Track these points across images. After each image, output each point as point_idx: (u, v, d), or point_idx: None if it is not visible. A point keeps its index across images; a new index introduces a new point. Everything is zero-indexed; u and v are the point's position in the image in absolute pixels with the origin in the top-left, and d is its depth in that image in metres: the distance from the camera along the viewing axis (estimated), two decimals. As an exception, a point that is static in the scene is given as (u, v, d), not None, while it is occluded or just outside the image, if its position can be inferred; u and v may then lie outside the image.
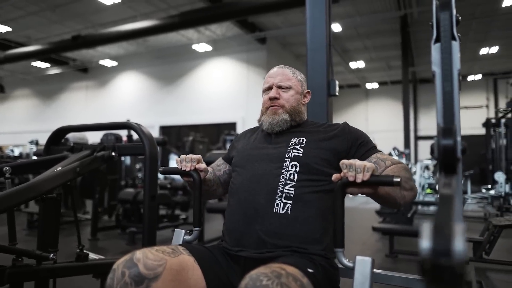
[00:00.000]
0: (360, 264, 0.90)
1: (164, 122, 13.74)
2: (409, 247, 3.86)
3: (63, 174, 1.53)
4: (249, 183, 1.16)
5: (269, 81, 1.35)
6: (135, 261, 0.89)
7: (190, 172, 1.20)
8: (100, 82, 15.83)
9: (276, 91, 1.30)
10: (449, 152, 0.64)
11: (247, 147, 1.29)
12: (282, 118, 1.25)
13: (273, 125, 1.26)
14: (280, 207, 1.08)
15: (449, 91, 0.71)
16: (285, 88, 1.30)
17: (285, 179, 1.11)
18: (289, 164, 1.14)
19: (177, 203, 4.77)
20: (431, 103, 15.83)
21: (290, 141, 1.20)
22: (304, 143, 1.18)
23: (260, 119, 1.33)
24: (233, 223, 1.14)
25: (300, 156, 1.14)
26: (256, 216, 1.09)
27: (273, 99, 1.29)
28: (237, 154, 1.30)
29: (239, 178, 1.20)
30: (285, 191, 1.09)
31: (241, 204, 1.14)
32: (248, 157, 1.23)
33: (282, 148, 1.19)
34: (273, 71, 1.36)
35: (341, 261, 0.94)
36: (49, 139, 2.02)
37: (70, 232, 4.19)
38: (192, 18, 8.83)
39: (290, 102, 1.28)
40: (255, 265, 1.00)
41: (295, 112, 1.28)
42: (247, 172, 1.19)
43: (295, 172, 1.12)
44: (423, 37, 11.50)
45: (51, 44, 11.30)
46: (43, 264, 1.68)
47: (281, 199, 1.09)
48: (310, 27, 2.38)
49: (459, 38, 0.73)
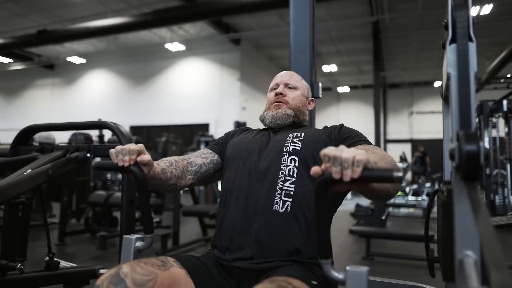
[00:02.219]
0: (352, 277, 0.74)
1: (134, 122, 13.39)
2: (384, 249, 3.91)
3: (34, 177, 1.40)
4: (247, 179, 1.09)
5: (277, 79, 1.34)
6: (122, 276, 0.80)
7: (129, 168, 0.93)
8: (67, 80, 15.22)
9: (283, 88, 1.29)
10: (473, 158, 0.61)
11: (245, 141, 1.23)
12: (286, 113, 1.23)
13: (276, 118, 1.23)
14: (280, 205, 1.03)
15: (467, 94, 0.68)
16: (292, 87, 1.30)
17: (285, 175, 1.06)
18: (287, 159, 1.09)
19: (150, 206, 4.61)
20: (399, 108, 16.32)
21: (288, 136, 1.16)
22: (303, 137, 1.14)
23: (263, 115, 1.29)
24: (230, 221, 1.07)
25: (299, 150, 1.10)
26: (255, 215, 1.03)
27: (279, 94, 1.27)
28: (233, 147, 1.23)
29: (236, 173, 1.13)
30: (284, 188, 1.04)
31: (239, 202, 1.07)
32: (245, 150, 1.17)
33: (279, 142, 1.15)
34: (282, 72, 1.36)
35: (330, 274, 0.78)
36: (16, 138, 1.87)
37: (34, 237, 3.95)
38: (166, 17, 8.65)
39: (295, 102, 1.28)
40: (251, 277, 0.94)
41: (299, 111, 1.27)
42: (245, 167, 1.12)
43: (294, 167, 1.07)
44: (394, 43, 11.83)
45: (14, 39, 10.74)
46: (9, 275, 1.54)
47: (280, 196, 1.03)
48: (293, 28, 2.34)
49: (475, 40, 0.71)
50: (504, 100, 5.62)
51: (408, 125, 16.09)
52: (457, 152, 0.64)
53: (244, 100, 12.42)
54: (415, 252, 3.65)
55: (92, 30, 9.36)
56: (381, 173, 0.68)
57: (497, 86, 7.91)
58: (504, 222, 2.96)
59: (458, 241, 0.66)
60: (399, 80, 16.01)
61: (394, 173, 0.66)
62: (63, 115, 14.38)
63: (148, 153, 0.98)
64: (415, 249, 3.76)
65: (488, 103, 5.96)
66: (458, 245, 0.65)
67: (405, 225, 5.68)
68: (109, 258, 3.44)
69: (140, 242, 1.04)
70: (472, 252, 0.64)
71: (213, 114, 12.38)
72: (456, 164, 0.65)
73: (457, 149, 0.64)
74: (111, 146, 1.76)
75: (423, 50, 12.00)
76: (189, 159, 1.21)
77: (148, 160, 0.97)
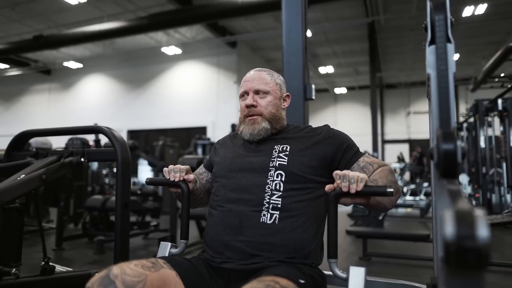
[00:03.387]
0: (354, 274, 0.90)
1: (132, 126, 13.39)
2: (381, 250, 3.92)
3: (28, 182, 1.41)
4: (233, 194, 1.10)
5: (245, 85, 1.25)
6: (112, 278, 0.81)
7: (178, 183, 1.16)
8: (64, 85, 15.22)
9: (253, 98, 1.21)
10: (450, 156, 0.62)
11: (228, 156, 1.23)
12: (262, 127, 1.19)
13: (254, 135, 1.19)
14: (267, 217, 1.04)
15: (445, 94, 0.69)
16: (262, 93, 1.22)
17: (271, 189, 1.07)
18: (274, 174, 1.09)
19: (147, 210, 4.62)
20: (396, 108, 16.37)
21: (274, 149, 1.15)
22: (288, 150, 1.14)
23: (239, 129, 1.24)
24: (216, 234, 1.08)
25: (285, 165, 1.10)
26: (241, 227, 1.04)
27: (250, 106, 1.21)
28: (218, 164, 1.24)
29: (222, 190, 1.15)
30: (271, 202, 1.05)
31: (225, 215, 1.08)
32: (230, 167, 1.17)
33: (265, 157, 1.14)
34: (249, 75, 1.27)
35: (335, 272, 0.94)
36: (11, 144, 1.88)
37: (31, 242, 3.95)
38: (161, 20, 8.67)
39: (269, 109, 1.21)
40: (240, 277, 0.95)
41: (275, 119, 1.21)
42: (230, 183, 1.13)
43: (280, 181, 1.08)
44: (389, 43, 11.88)
45: (11, 44, 10.75)
46: (4, 280, 1.55)
47: (268, 209, 1.05)
48: (286, 31, 2.36)
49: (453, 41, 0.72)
50: (499, 99, 5.65)
51: (406, 125, 16.13)
52: (435, 151, 0.65)
53: (241, 102, 12.44)
54: (412, 252, 3.66)
55: (88, 34, 9.37)
56: (377, 188, 0.91)
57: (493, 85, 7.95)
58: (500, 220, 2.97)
59: (439, 238, 0.67)
60: (396, 80, 16.06)
61: (387, 189, 0.89)
62: (60, 120, 14.38)
63: (192, 173, 1.20)
64: (413, 249, 3.77)
65: (483, 102, 5.99)
66: (439, 242, 0.67)
67: (402, 225, 5.69)
68: (107, 262, 3.42)
69: (174, 249, 1.21)
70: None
71: (210, 117, 12.39)
72: (435, 163, 0.66)
73: (435, 148, 0.65)
74: (105, 151, 1.78)
75: (419, 50, 12.04)
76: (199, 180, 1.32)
77: (193, 178, 1.19)
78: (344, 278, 0.92)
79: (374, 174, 1.09)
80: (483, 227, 0.41)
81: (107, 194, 5.18)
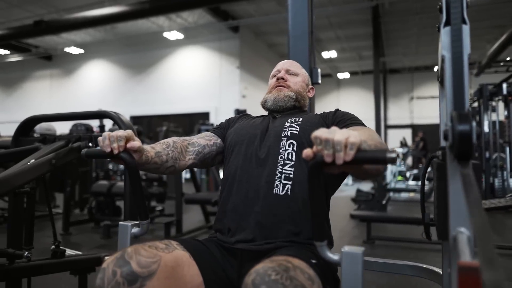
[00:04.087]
0: (347, 258, 0.73)
1: (134, 112, 13.39)
2: (384, 233, 3.96)
3: (38, 167, 1.42)
4: (248, 164, 1.12)
5: (278, 66, 1.37)
6: (127, 258, 0.83)
7: (119, 155, 0.93)
8: (65, 71, 15.16)
9: (284, 73, 1.32)
10: (465, 138, 0.62)
11: (245, 126, 1.25)
12: (288, 95, 1.27)
13: (278, 100, 1.26)
14: (280, 188, 1.05)
15: (460, 76, 0.69)
16: (293, 74, 1.33)
17: (284, 159, 1.08)
18: (286, 143, 1.11)
19: (152, 195, 4.66)
20: (399, 93, 16.27)
21: (286, 121, 1.19)
22: (301, 121, 1.16)
23: (264, 98, 1.32)
24: (232, 204, 1.10)
25: (297, 134, 1.12)
26: (256, 198, 1.06)
27: (281, 78, 1.31)
28: (234, 133, 1.24)
29: (238, 159, 1.15)
30: (284, 172, 1.07)
31: (241, 186, 1.10)
32: (246, 136, 1.19)
33: (278, 127, 1.17)
34: (283, 61, 1.40)
35: (326, 256, 0.80)
36: (18, 129, 1.89)
37: (38, 227, 3.98)
38: (163, 5, 8.56)
39: (297, 86, 1.31)
40: (253, 258, 0.97)
41: (300, 95, 1.30)
42: (247, 152, 1.15)
43: (292, 151, 1.09)
44: (393, 27, 11.72)
45: (11, 30, 10.65)
46: (17, 263, 1.58)
47: (280, 180, 1.06)
48: (292, 14, 2.33)
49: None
50: (504, 84, 5.60)
51: (409, 110, 16.06)
52: (450, 132, 0.66)
53: (244, 88, 12.38)
54: (415, 235, 3.69)
55: (89, 19, 9.28)
56: (374, 154, 0.67)
57: (497, 69, 7.87)
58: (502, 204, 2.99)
59: (452, 218, 0.68)
60: (399, 65, 15.91)
61: (388, 154, 0.65)
62: (62, 106, 14.37)
63: (138, 139, 0.97)
64: (415, 232, 3.80)
65: (487, 87, 5.94)
66: (452, 222, 0.67)
67: (405, 209, 5.73)
68: (114, 246, 3.47)
69: (136, 229, 1.04)
70: (465, 229, 0.66)
71: (213, 103, 12.36)
72: (450, 144, 0.66)
73: (450, 130, 0.66)
74: (112, 135, 1.79)
75: (423, 34, 11.90)
76: (191, 140, 1.21)
77: (139, 147, 0.95)
78: (337, 262, 0.77)
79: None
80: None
81: (112, 179, 5.22)
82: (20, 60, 14.40)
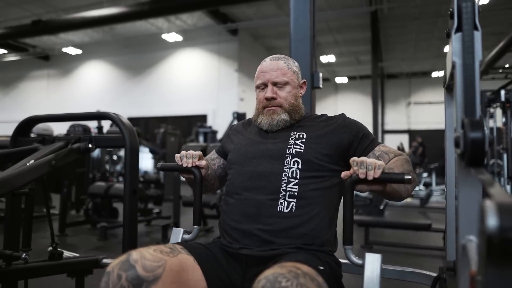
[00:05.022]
0: (370, 261, 0.90)
1: (132, 113, 13.33)
2: (382, 238, 3.95)
3: (38, 168, 1.41)
4: (250, 182, 1.10)
5: (263, 77, 1.21)
6: (132, 262, 0.82)
7: (191, 169, 1.16)
8: (63, 71, 15.10)
9: (272, 90, 1.19)
10: (478, 145, 0.62)
11: (244, 143, 1.22)
12: (282, 119, 1.18)
13: (273, 126, 1.18)
14: (284, 205, 1.04)
15: (472, 83, 0.69)
16: (281, 84, 1.20)
17: (288, 177, 1.06)
18: (290, 161, 1.09)
19: (150, 197, 4.63)
20: (397, 98, 16.33)
21: (290, 136, 1.15)
22: (305, 138, 1.13)
23: (257, 119, 1.22)
24: (233, 222, 1.08)
25: (302, 152, 1.09)
26: (258, 216, 1.04)
27: (270, 99, 1.19)
28: (233, 151, 1.23)
29: (238, 177, 1.14)
30: (288, 190, 1.05)
31: (242, 203, 1.08)
32: (246, 154, 1.16)
33: (281, 144, 1.13)
34: (266, 65, 1.22)
35: (350, 259, 0.93)
36: (16, 129, 1.87)
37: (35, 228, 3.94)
38: (162, 6, 8.56)
39: (288, 100, 1.19)
40: (257, 264, 0.96)
41: (294, 110, 1.20)
42: (246, 170, 1.13)
43: (297, 169, 1.07)
44: (392, 33, 11.78)
45: (9, 29, 10.61)
46: (13, 265, 1.56)
47: (285, 197, 1.04)
48: (294, 17, 2.34)
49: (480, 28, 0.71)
50: (502, 90, 5.63)
51: (406, 115, 16.12)
52: (462, 139, 0.65)
53: (242, 91, 12.38)
54: (412, 241, 3.69)
55: (88, 20, 9.26)
56: (395, 176, 0.91)
57: (495, 76, 7.91)
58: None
59: (461, 226, 0.68)
60: (397, 70, 15.99)
61: (405, 176, 0.88)
62: (59, 106, 14.31)
63: (205, 159, 1.19)
64: (413, 237, 3.81)
65: (486, 94, 5.97)
66: (461, 231, 0.67)
67: (402, 214, 5.73)
68: (110, 248, 3.46)
69: (186, 234, 1.20)
70: (475, 237, 0.66)
71: (211, 105, 12.35)
72: (461, 152, 0.66)
73: (462, 137, 0.65)
74: (112, 137, 1.78)
75: (421, 40, 11.97)
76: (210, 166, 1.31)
77: (205, 164, 1.18)
78: (360, 265, 0.92)
79: (390, 163, 1.08)
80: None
81: (110, 180, 5.19)
82: (18, 59, 14.33)
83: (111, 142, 1.79)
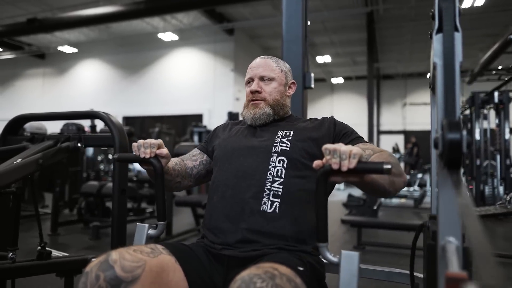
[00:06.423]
0: (346, 259, 0.84)
1: (127, 112, 13.30)
2: (375, 239, 3.96)
3: (24, 166, 1.40)
4: (234, 179, 1.09)
5: (250, 72, 1.26)
6: (111, 262, 0.81)
7: (149, 160, 1.05)
8: (58, 70, 15.02)
9: (257, 84, 1.23)
10: (455, 146, 0.62)
11: (230, 140, 1.22)
12: (264, 112, 1.20)
13: (256, 119, 1.20)
14: (268, 205, 1.03)
15: (451, 84, 0.69)
16: (267, 79, 1.23)
17: (273, 176, 1.06)
18: (276, 159, 1.08)
19: (143, 196, 4.62)
20: (393, 99, 16.37)
21: (277, 134, 1.15)
22: (291, 136, 1.13)
23: (243, 113, 1.26)
24: (216, 221, 1.07)
25: (288, 151, 1.09)
26: (242, 214, 1.03)
27: (255, 92, 1.22)
28: (219, 147, 1.22)
29: (223, 174, 1.13)
30: (272, 189, 1.04)
31: (226, 201, 1.07)
32: (232, 151, 1.16)
33: (268, 142, 1.13)
34: (255, 62, 1.28)
35: (326, 256, 0.87)
36: (6, 128, 1.86)
37: (25, 227, 3.93)
38: (158, 6, 8.53)
39: (273, 95, 1.22)
40: (239, 264, 0.96)
41: (279, 106, 1.23)
42: (231, 167, 1.12)
43: (282, 167, 1.07)
44: (388, 34, 11.81)
45: (4, 27, 10.54)
46: (0, 264, 1.54)
47: (268, 197, 1.04)
48: (286, 18, 2.33)
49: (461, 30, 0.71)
50: (495, 92, 5.67)
51: (401, 116, 16.16)
52: (440, 140, 0.65)
53: (237, 90, 12.37)
54: (406, 242, 3.70)
55: (84, 18, 9.21)
56: (373, 165, 0.79)
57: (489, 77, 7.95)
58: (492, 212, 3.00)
59: (441, 227, 0.68)
60: (393, 71, 16.02)
61: (384, 165, 0.76)
62: (55, 105, 14.22)
63: (166, 148, 1.08)
64: (406, 238, 3.81)
65: (479, 95, 6.00)
66: (441, 232, 0.67)
67: (396, 215, 5.74)
68: (102, 248, 3.44)
69: (152, 230, 1.12)
70: (454, 239, 0.66)
71: (207, 105, 12.33)
72: (440, 152, 0.66)
73: (440, 138, 0.65)
74: (102, 136, 1.77)
75: (417, 41, 12.00)
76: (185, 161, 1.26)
77: (166, 154, 1.08)
78: (336, 263, 0.85)
79: (373, 157, 1.03)
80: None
81: (103, 180, 5.17)
82: (13, 58, 14.24)
83: (101, 141, 1.78)
